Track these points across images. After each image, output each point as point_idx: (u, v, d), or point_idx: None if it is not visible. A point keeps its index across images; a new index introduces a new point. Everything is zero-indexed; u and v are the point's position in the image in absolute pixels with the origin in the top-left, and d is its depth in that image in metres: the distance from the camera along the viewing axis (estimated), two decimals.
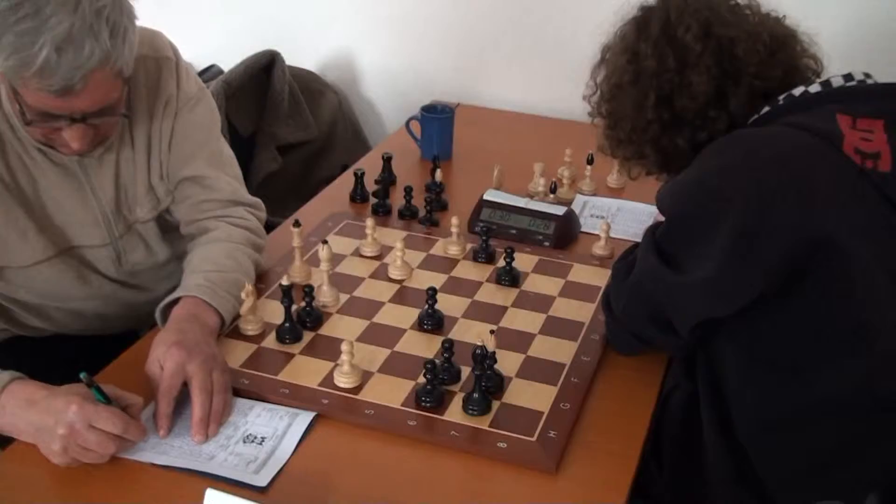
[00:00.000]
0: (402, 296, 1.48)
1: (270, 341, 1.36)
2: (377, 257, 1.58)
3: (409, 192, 1.72)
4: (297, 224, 1.49)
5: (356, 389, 1.26)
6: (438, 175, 1.80)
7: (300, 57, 2.38)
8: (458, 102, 2.05)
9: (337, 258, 1.56)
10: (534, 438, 1.19)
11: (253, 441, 1.18)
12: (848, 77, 1.17)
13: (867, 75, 1.19)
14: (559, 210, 1.67)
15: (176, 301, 1.32)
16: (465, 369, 1.29)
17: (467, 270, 1.56)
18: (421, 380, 1.26)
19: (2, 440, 1.17)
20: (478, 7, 2.25)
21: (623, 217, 1.76)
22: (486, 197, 1.71)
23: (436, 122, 1.97)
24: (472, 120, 2.19)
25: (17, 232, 1.36)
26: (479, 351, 1.21)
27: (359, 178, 1.78)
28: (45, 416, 1.10)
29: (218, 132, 1.53)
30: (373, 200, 1.76)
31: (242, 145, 2.14)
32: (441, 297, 1.42)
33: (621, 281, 1.26)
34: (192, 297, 1.31)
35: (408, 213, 1.73)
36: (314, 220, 1.69)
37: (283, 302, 1.35)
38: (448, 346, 1.26)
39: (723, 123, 1.18)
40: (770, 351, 1.13)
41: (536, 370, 1.31)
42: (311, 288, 1.39)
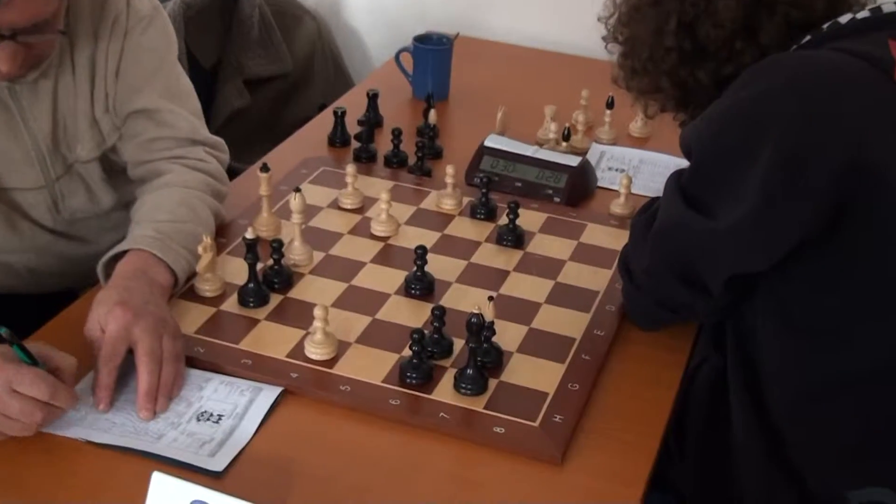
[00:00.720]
0: (387, 255, 1.48)
1: (231, 304, 1.36)
2: (358, 210, 1.59)
3: (397, 135, 1.71)
4: (265, 169, 1.48)
5: (330, 362, 1.26)
6: (432, 117, 1.80)
7: None
8: (458, 33, 2.03)
9: (311, 210, 1.56)
10: (536, 423, 1.19)
11: (208, 419, 1.18)
12: None
13: None
14: (572, 161, 1.67)
15: (121, 255, 1.31)
16: (459, 342, 1.29)
17: (463, 228, 1.56)
18: (406, 353, 1.26)
19: None
20: None
21: (646, 171, 1.76)
22: (487, 143, 1.71)
23: (431, 54, 1.97)
24: (474, 53, 2.18)
25: None
26: (474, 320, 1.21)
27: (339, 118, 1.78)
28: None
29: (174, 59, 1.51)
30: (355, 145, 1.77)
31: (204, 78, 2.13)
32: (432, 257, 1.42)
33: (642, 238, 1.27)
34: (140, 250, 1.30)
35: (395, 161, 1.73)
36: (286, 166, 1.69)
37: (247, 259, 1.35)
38: (439, 315, 1.26)
39: (751, 57, 1.19)
40: (809, 311, 1.14)
41: (541, 345, 1.31)
42: (280, 243, 1.39)
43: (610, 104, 1.85)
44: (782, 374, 1.18)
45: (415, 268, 1.39)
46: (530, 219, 1.57)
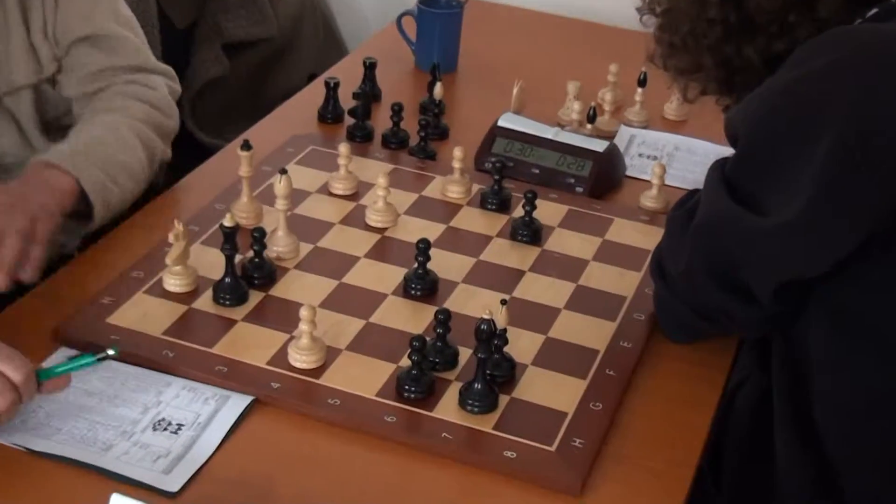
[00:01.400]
0: (384, 249, 1.48)
1: (205, 302, 1.36)
2: (352, 197, 1.59)
3: (397, 111, 1.71)
4: (246, 147, 1.47)
5: (317, 371, 1.26)
6: (438, 91, 1.79)
7: None
8: None
9: (298, 195, 1.55)
10: (553, 448, 1.19)
11: (166, 428, 1.18)
12: None
13: None
14: (598, 145, 1.67)
15: None
16: (465, 351, 1.29)
17: (472, 220, 1.56)
18: (404, 362, 1.26)
19: None
20: None
21: (683, 159, 1.76)
22: (500, 123, 1.71)
23: (438, 19, 1.96)
24: (487, 19, 2.18)
25: None
26: (484, 327, 1.20)
27: (331, 90, 1.78)
28: None
29: None
30: (349, 121, 1.77)
31: (177, 41, 2.12)
32: (435, 253, 1.41)
33: (679, 236, 1.27)
34: (42, 162, 1.36)
35: (395, 141, 1.73)
36: (270, 144, 1.69)
37: (223, 250, 1.35)
38: (443, 320, 1.26)
39: (806, 32, 1.19)
40: (873, 321, 1.14)
41: (560, 357, 1.31)
42: (261, 233, 1.38)
43: (642, 81, 1.85)
44: (837, 395, 1.17)
45: (415, 265, 1.39)
46: (549, 211, 1.57)
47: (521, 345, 1.31)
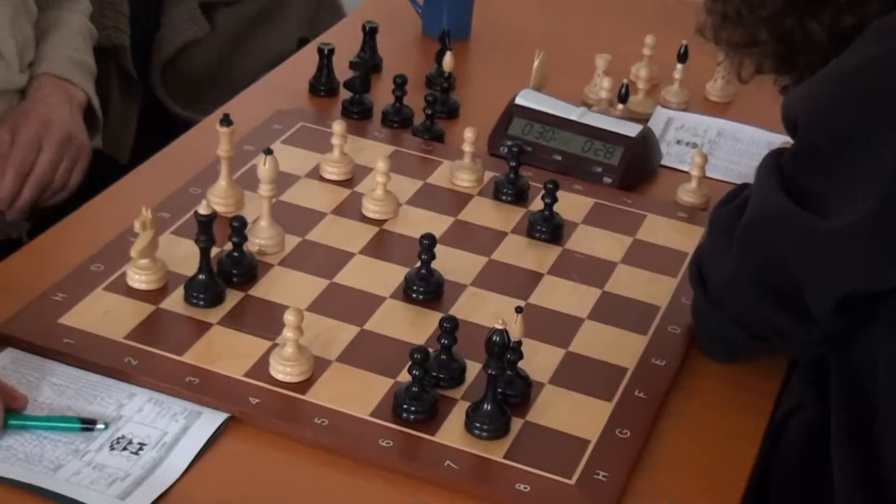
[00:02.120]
0: (382, 245, 1.49)
1: (175, 302, 1.36)
2: (346, 182, 1.59)
3: (400, 85, 1.71)
4: (226, 122, 1.47)
5: (303, 385, 1.26)
6: (448, 62, 1.79)
7: None
8: None
9: (285, 179, 1.55)
10: (573, 481, 1.18)
11: (125, 447, 1.18)
12: None
13: None
14: (630, 129, 1.67)
15: None
16: (473, 366, 1.29)
17: (484, 213, 1.56)
18: (404, 377, 1.26)
19: None
20: None
21: (727, 147, 1.76)
22: (518, 101, 1.71)
23: None
24: None
25: None
26: (496, 339, 1.20)
27: (325, 58, 1.78)
28: None
29: None
30: (344, 95, 1.76)
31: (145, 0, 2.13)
32: (442, 250, 1.41)
33: (724, 237, 1.27)
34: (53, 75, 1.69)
35: (397, 119, 1.73)
36: (252, 119, 1.69)
37: (198, 241, 1.34)
38: (448, 329, 1.26)
39: (879, 7, 1.19)
40: None
41: (582, 375, 1.31)
42: (242, 222, 1.38)
43: (682, 56, 1.85)
44: None
45: (418, 264, 1.39)
46: (572, 204, 1.57)
47: (538, 360, 1.31)
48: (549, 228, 1.51)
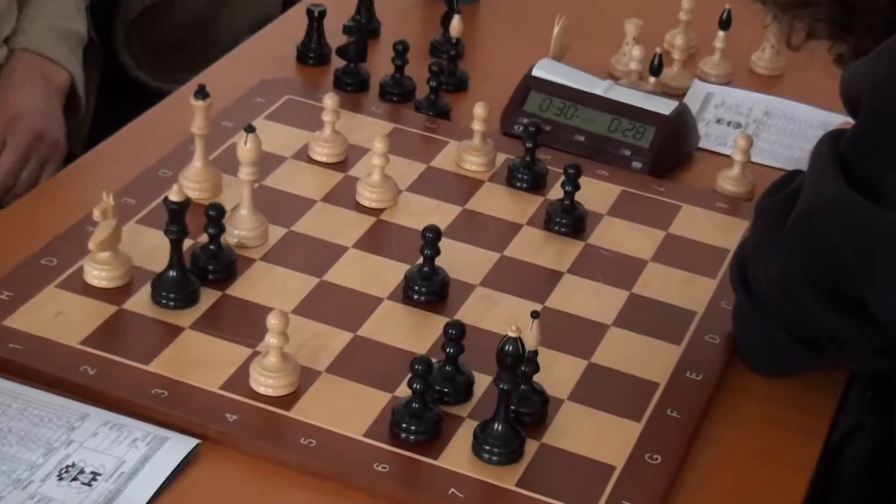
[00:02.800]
0: (379, 238, 1.49)
1: (140, 302, 1.36)
2: (339, 165, 1.60)
3: (401, 52, 1.72)
4: (201, 94, 1.47)
5: (288, 400, 1.26)
6: (455, 27, 1.79)
7: None
8: None
9: (268, 161, 1.56)
10: None
11: (76, 478, 1.17)
12: None
13: None
14: (663, 106, 1.67)
15: None
16: (483, 379, 1.29)
17: (496, 202, 1.57)
18: (403, 392, 1.26)
19: None
20: None
21: (776, 127, 1.76)
22: (536, 73, 1.71)
23: None
24: None
25: None
26: (509, 348, 1.19)
27: (315, 21, 1.79)
28: None
29: None
30: (337, 63, 1.77)
31: None
32: (447, 245, 1.42)
33: (772, 231, 1.26)
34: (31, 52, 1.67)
35: (397, 92, 1.74)
36: (231, 91, 1.70)
37: (168, 233, 1.34)
38: (454, 336, 1.26)
39: None
40: None
41: (606, 390, 1.32)
42: (219, 211, 1.38)
43: (724, 22, 1.85)
44: None
45: (420, 260, 1.40)
46: (596, 193, 1.58)
47: (557, 373, 1.31)
48: (569, 220, 1.51)
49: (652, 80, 1.75)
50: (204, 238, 1.39)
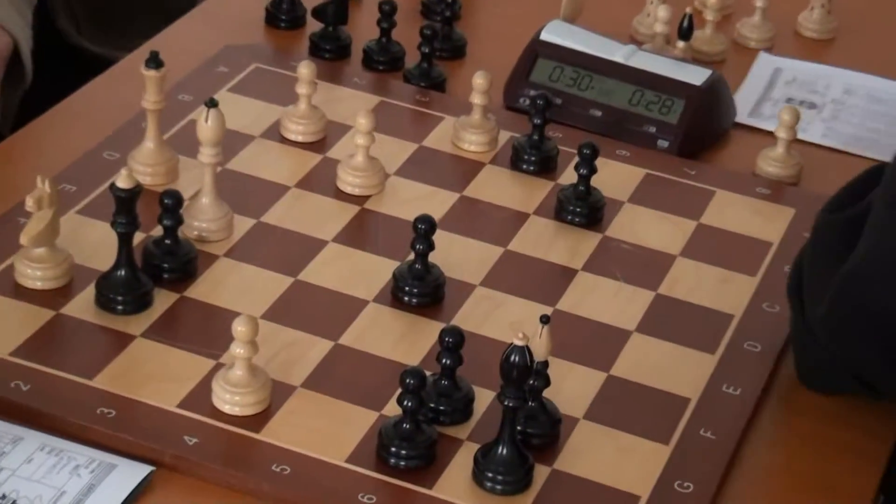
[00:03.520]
0: (363, 230, 1.51)
1: (83, 306, 1.37)
2: (316, 145, 1.61)
3: (387, 14, 1.74)
4: (154, 63, 1.47)
5: (257, 420, 1.26)
6: None
7: None
8: None
9: (234, 140, 1.57)
10: None
11: None
12: None
13: None
14: (695, 76, 1.68)
15: None
16: (484, 395, 1.29)
17: (498, 188, 1.58)
18: (391, 410, 1.27)
19: None
20: None
21: (858, 109, 1.78)
22: (545, 37, 1.73)
23: None
24: None
25: None
26: (514, 359, 1.19)
27: None
28: None
29: None
30: (313, 27, 1.78)
31: None
32: (443, 237, 1.43)
33: (828, 259, 1.26)
34: None
35: (383, 60, 1.76)
36: (190, 59, 1.71)
37: (115, 225, 1.34)
38: (451, 345, 1.26)
39: None
40: None
41: (628, 407, 1.32)
42: (176, 199, 1.38)
43: None
44: None
45: (411, 256, 1.40)
46: (616, 176, 1.59)
47: (570, 387, 1.31)
48: (584, 209, 1.52)
49: (681, 44, 1.76)
50: (158, 231, 1.39)
